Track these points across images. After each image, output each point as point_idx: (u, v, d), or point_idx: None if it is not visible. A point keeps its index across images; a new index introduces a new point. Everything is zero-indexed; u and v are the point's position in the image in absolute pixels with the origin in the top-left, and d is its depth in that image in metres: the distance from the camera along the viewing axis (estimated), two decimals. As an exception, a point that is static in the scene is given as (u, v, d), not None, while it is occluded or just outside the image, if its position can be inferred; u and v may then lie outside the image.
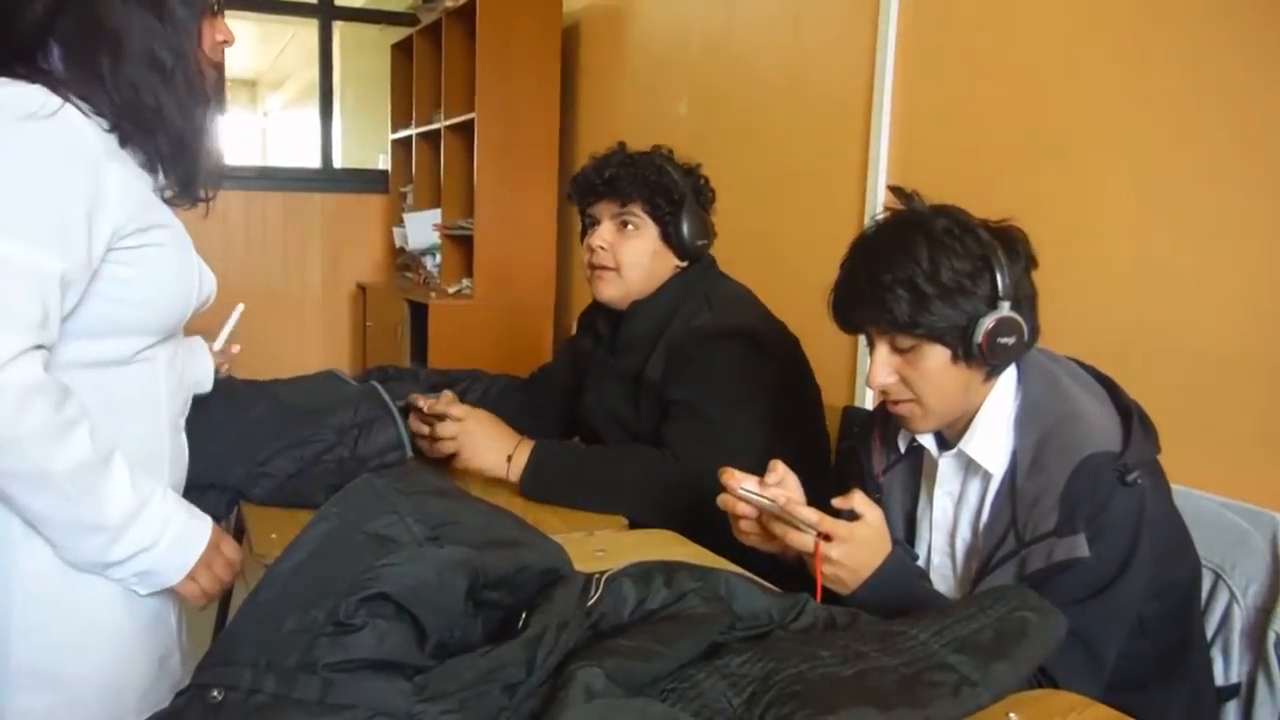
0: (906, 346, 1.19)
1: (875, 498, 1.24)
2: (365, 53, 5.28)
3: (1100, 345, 1.58)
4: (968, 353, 1.17)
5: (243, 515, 1.41)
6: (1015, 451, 1.20)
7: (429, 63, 4.31)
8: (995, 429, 1.22)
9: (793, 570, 1.21)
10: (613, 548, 1.32)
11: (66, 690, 1.09)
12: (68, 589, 1.07)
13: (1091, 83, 1.88)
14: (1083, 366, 1.28)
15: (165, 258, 1.11)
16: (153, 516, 1.08)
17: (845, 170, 2.49)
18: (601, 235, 1.74)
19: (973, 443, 1.23)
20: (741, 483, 1.17)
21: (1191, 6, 1.70)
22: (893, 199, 1.26)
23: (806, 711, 0.77)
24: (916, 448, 1.34)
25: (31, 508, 1.02)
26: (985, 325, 1.15)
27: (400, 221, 4.54)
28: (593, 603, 0.88)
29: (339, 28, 4.84)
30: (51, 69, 1.06)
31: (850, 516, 1.13)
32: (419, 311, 3.98)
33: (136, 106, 1.08)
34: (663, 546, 1.37)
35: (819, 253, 2.42)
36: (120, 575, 1.09)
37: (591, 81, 3.94)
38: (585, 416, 1.85)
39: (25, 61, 1.04)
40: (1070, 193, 1.91)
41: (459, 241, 4.15)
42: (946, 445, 1.29)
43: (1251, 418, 1.62)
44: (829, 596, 1.10)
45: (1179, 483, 1.31)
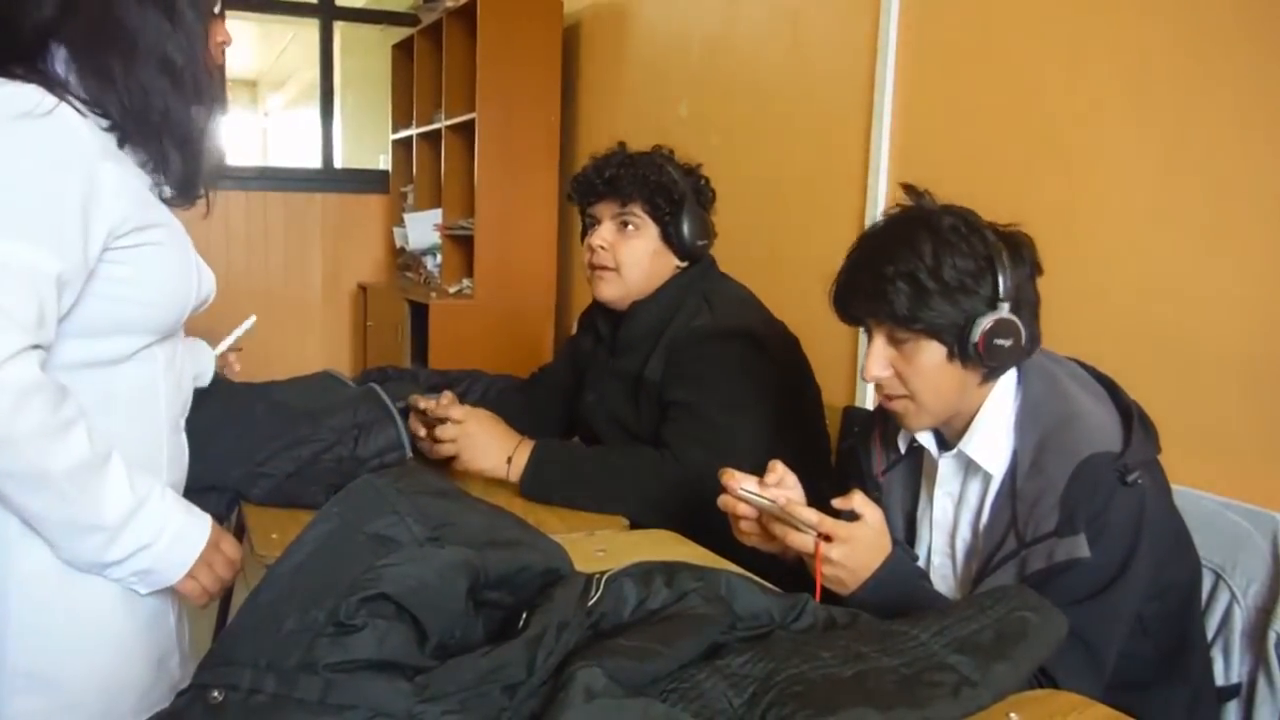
0: (903, 340, 1.20)
1: (875, 498, 1.24)
2: (366, 53, 5.28)
3: (1100, 345, 1.58)
4: (963, 352, 1.17)
5: (243, 515, 1.41)
6: (1015, 452, 1.20)
7: (430, 63, 4.31)
8: (995, 430, 1.22)
9: (793, 571, 1.21)
10: (613, 548, 1.32)
11: (64, 692, 1.08)
12: (65, 590, 1.07)
13: (1092, 83, 1.88)
14: (1083, 367, 1.28)
15: (163, 257, 1.11)
16: (151, 515, 1.08)
17: (845, 171, 2.49)
18: (602, 235, 1.74)
19: (972, 443, 1.23)
20: (741, 483, 1.17)
21: (1192, 6, 1.70)
22: (904, 196, 1.26)
23: (807, 712, 0.77)
24: (917, 448, 1.34)
25: (29, 508, 1.02)
26: (983, 325, 1.15)
27: (401, 221, 4.54)
28: (593, 603, 0.88)
29: (340, 28, 4.84)
30: (50, 71, 1.05)
31: (850, 517, 1.13)
32: (419, 311, 3.98)
33: (146, 108, 1.08)
34: (663, 547, 1.37)
35: (819, 253, 2.41)
36: (119, 575, 1.09)
37: (592, 82, 3.94)
38: (585, 416, 1.85)
39: (24, 63, 1.04)
40: (1070, 193, 1.91)
41: (459, 241, 4.15)
42: (946, 445, 1.29)
43: (1252, 418, 1.62)
44: (829, 597, 1.10)
45: (1179, 483, 1.31)
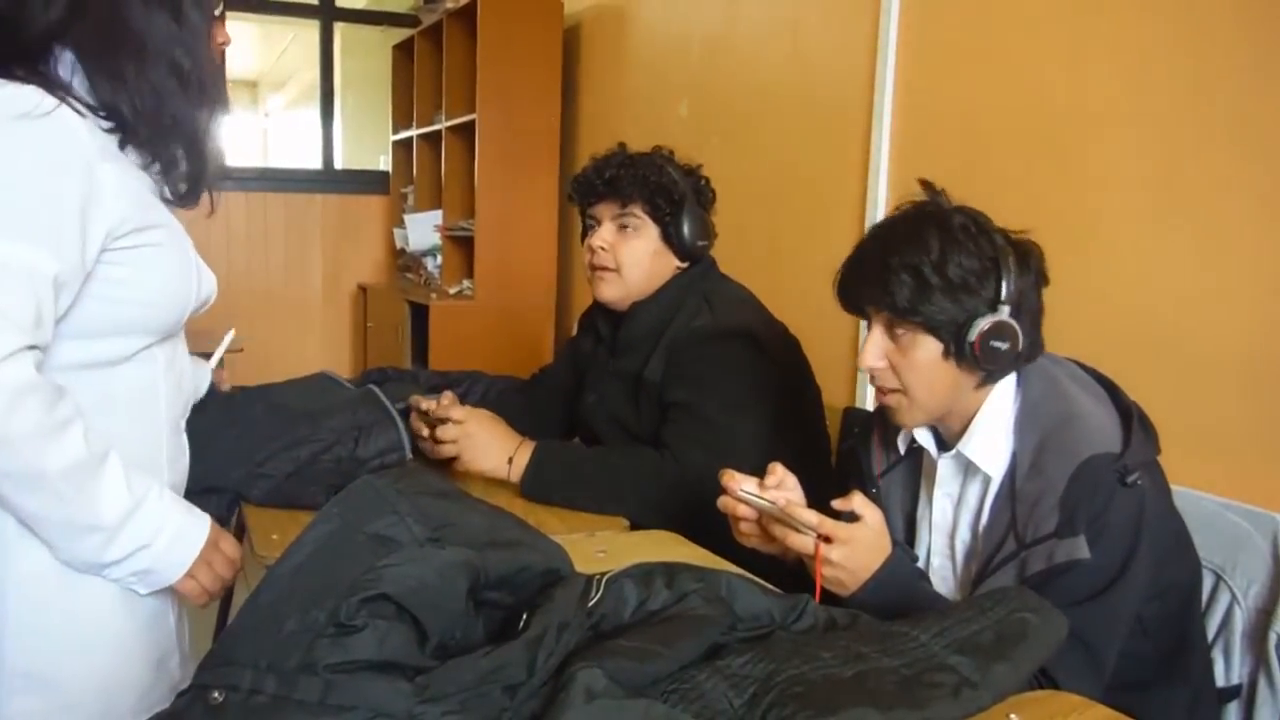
0: (901, 333, 1.20)
1: (874, 498, 1.24)
2: (366, 54, 5.29)
3: (1100, 346, 1.58)
4: (959, 350, 1.17)
5: (243, 516, 1.41)
6: (1015, 453, 1.20)
7: (430, 64, 4.32)
8: (994, 431, 1.22)
9: (793, 572, 1.21)
10: (614, 549, 1.32)
11: (63, 692, 1.08)
12: (64, 591, 1.07)
13: (1092, 83, 1.88)
14: (1083, 368, 1.28)
15: (162, 257, 1.11)
16: (149, 515, 1.07)
17: (846, 171, 2.49)
18: (602, 236, 1.74)
19: (971, 444, 1.23)
20: (741, 484, 1.17)
21: (1192, 6, 1.70)
22: (914, 193, 1.26)
23: (807, 712, 0.77)
24: (916, 449, 1.34)
25: (25, 508, 1.01)
26: (981, 326, 1.15)
27: (401, 222, 4.54)
28: (594, 603, 0.88)
29: (340, 29, 4.85)
30: (52, 73, 1.05)
31: (850, 518, 1.13)
32: (420, 312, 3.99)
33: (158, 110, 1.08)
34: (664, 547, 1.37)
35: (819, 254, 2.41)
36: (118, 575, 1.08)
37: (592, 83, 3.95)
38: (585, 417, 1.85)
39: (25, 65, 1.03)
40: (1070, 193, 1.91)
41: (460, 242, 4.15)
42: (946, 446, 1.29)
43: (1252, 419, 1.62)
44: (828, 598, 1.10)
45: (1180, 484, 1.31)
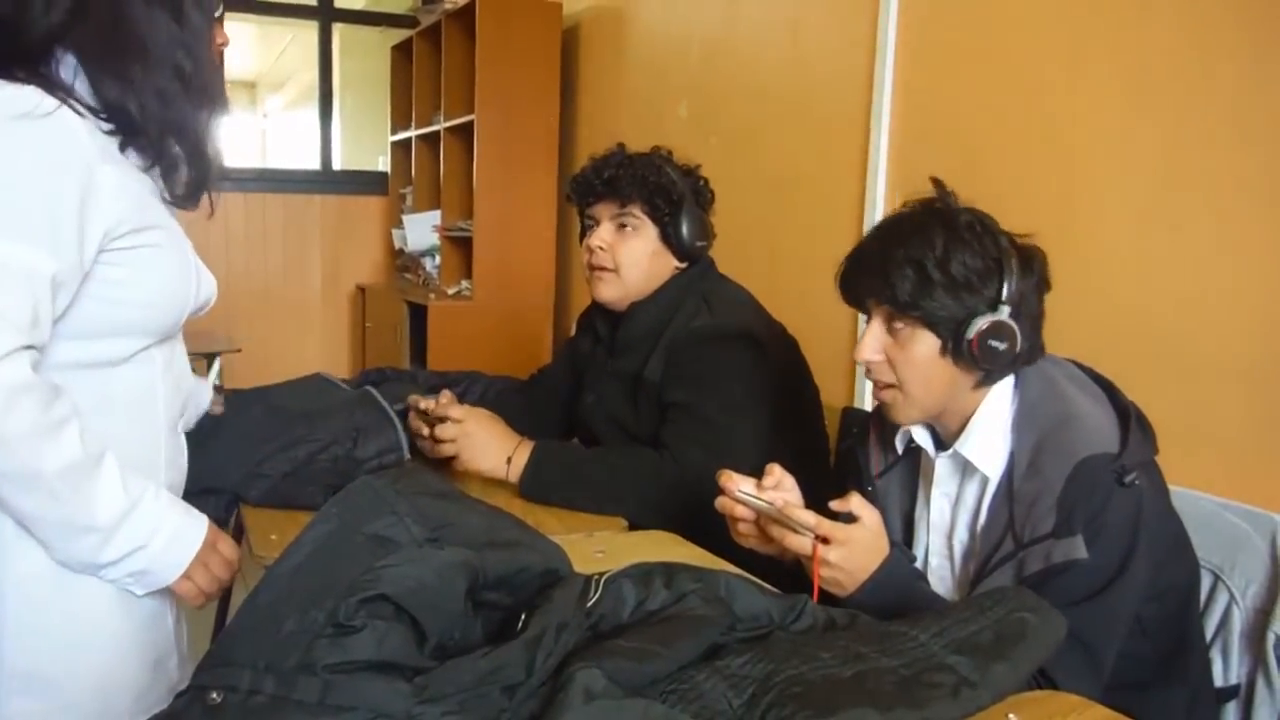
0: (899, 327, 1.21)
1: (871, 497, 1.25)
2: (365, 54, 5.29)
3: (1100, 346, 1.58)
4: (957, 348, 1.18)
5: (242, 516, 1.41)
6: (1013, 453, 1.20)
7: (429, 64, 4.31)
8: (992, 431, 1.22)
9: (791, 572, 1.21)
10: (612, 549, 1.32)
11: (60, 693, 1.08)
12: (62, 591, 1.07)
13: (1092, 83, 1.88)
14: (1081, 368, 1.28)
15: (161, 259, 1.11)
16: (145, 516, 1.07)
17: (845, 172, 2.49)
18: (600, 236, 1.74)
19: (969, 444, 1.24)
20: (739, 485, 1.17)
21: (1192, 6, 1.71)
22: (929, 190, 1.26)
23: (807, 713, 0.77)
24: (914, 449, 1.34)
25: (21, 508, 1.01)
26: (979, 324, 1.16)
27: (400, 223, 4.54)
28: (592, 604, 0.88)
29: (338, 29, 4.85)
30: (54, 75, 1.05)
31: (848, 519, 1.13)
32: (418, 313, 3.98)
33: (163, 112, 1.08)
34: (662, 548, 1.37)
35: (819, 255, 2.41)
36: (114, 576, 1.08)
37: (591, 83, 3.95)
38: (584, 417, 1.85)
39: (26, 66, 1.03)
40: (1070, 193, 1.91)
41: (458, 243, 4.15)
42: (943, 446, 1.29)
43: (1251, 419, 1.62)
44: (826, 599, 1.10)
45: (1178, 484, 1.31)
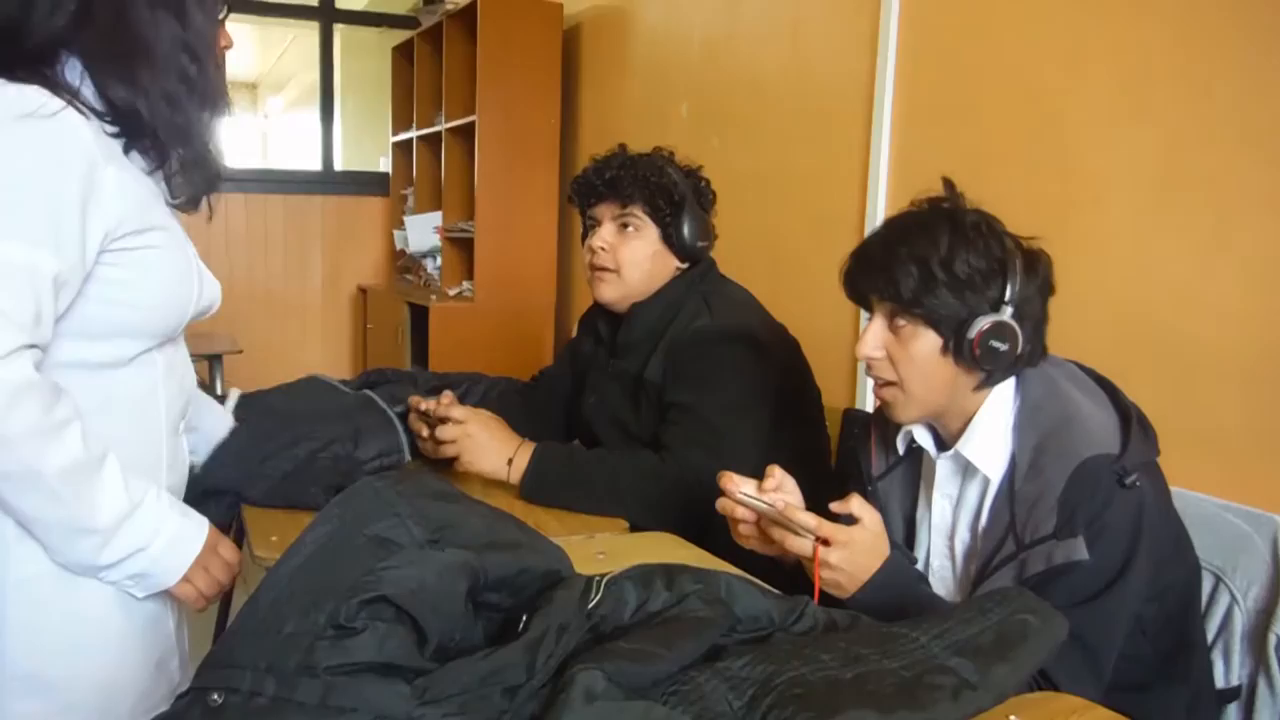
0: (901, 325, 1.21)
1: (871, 497, 1.24)
2: (366, 55, 5.29)
3: (1100, 346, 1.58)
4: (958, 347, 1.18)
5: (243, 518, 1.41)
6: (1014, 454, 1.20)
7: (430, 65, 4.32)
8: (993, 432, 1.22)
9: (791, 574, 1.21)
10: (613, 550, 1.32)
11: (61, 694, 1.08)
12: (62, 592, 1.06)
13: (1092, 83, 1.88)
14: (1082, 369, 1.28)
15: (161, 260, 1.11)
16: (146, 518, 1.07)
17: (846, 172, 2.49)
18: (602, 236, 1.74)
19: (970, 445, 1.23)
20: (740, 486, 1.17)
21: (1191, 7, 1.70)
22: (939, 189, 1.27)
23: (807, 714, 0.77)
24: (915, 450, 1.34)
25: (21, 508, 1.01)
26: (981, 324, 1.16)
27: (401, 224, 4.54)
28: (593, 605, 0.88)
29: (340, 30, 4.85)
30: (59, 78, 1.05)
31: (849, 520, 1.13)
32: (419, 314, 3.99)
33: (170, 115, 1.09)
34: (663, 549, 1.37)
35: (819, 255, 2.41)
36: (114, 578, 1.08)
37: (592, 84, 3.95)
38: (585, 418, 1.85)
39: (30, 68, 1.03)
40: (1070, 193, 1.91)
41: (459, 244, 4.15)
42: (945, 447, 1.29)
43: (1251, 420, 1.62)
44: (827, 600, 1.10)
45: (1179, 485, 1.31)
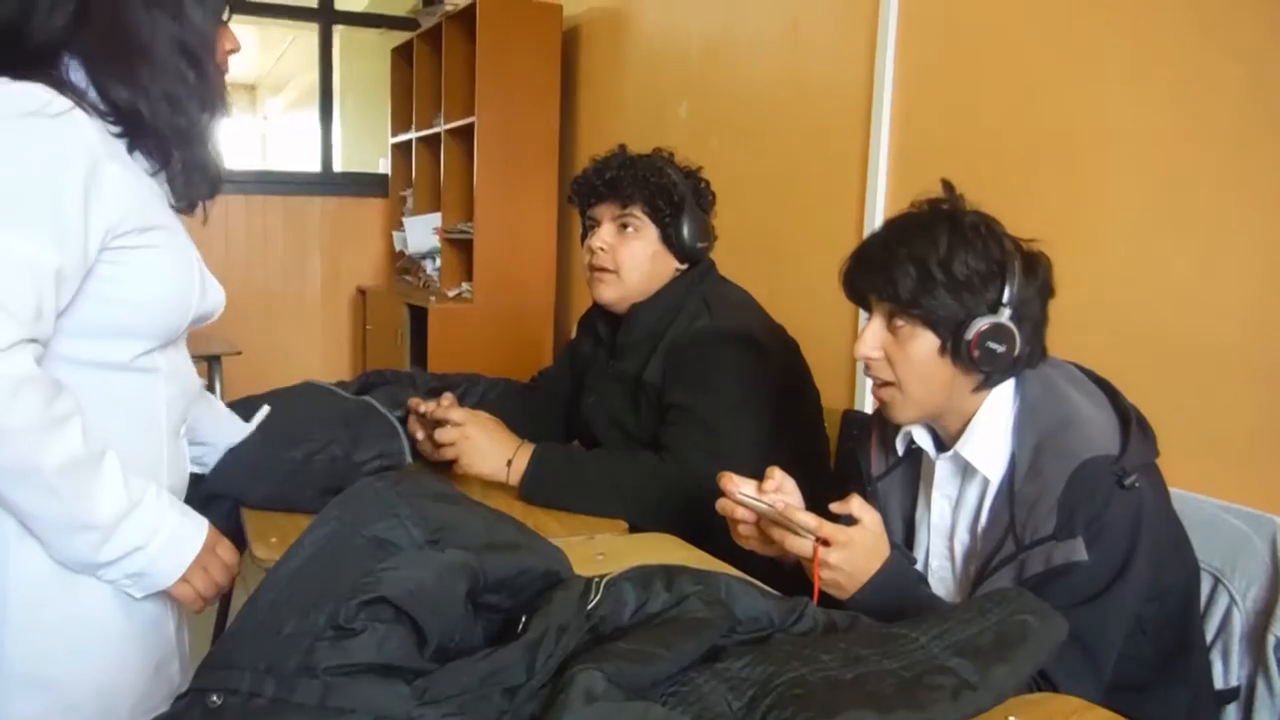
0: (899, 325, 1.21)
1: (870, 498, 1.24)
2: (365, 57, 5.29)
3: (1100, 347, 1.58)
4: (956, 348, 1.18)
5: (242, 520, 1.41)
6: (1013, 455, 1.20)
7: (429, 67, 4.32)
8: (993, 433, 1.22)
9: (791, 574, 1.21)
10: (613, 551, 1.32)
11: (60, 695, 1.08)
12: (62, 592, 1.06)
13: (1092, 83, 1.88)
14: (1081, 370, 1.28)
15: (160, 261, 1.10)
16: (145, 517, 1.07)
17: (845, 173, 2.49)
18: (601, 237, 1.75)
19: (969, 446, 1.24)
20: (740, 487, 1.17)
21: (1191, 7, 1.71)
22: (939, 190, 1.27)
23: (807, 715, 0.77)
24: (915, 450, 1.34)
25: (19, 503, 1.01)
26: (979, 325, 1.16)
27: (400, 225, 4.54)
28: (593, 606, 0.88)
29: (339, 32, 4.85)
30: (65, 78, 1.05)
31: (848, 521, 1.13)
32: (419, 315, 3.98)
33: (170, 116, 1.09)
34: (663, 550, 1.37)
35: (819, 256, 2.41)
36: (113, 576, 1.08)
37: (591, 85, 3.95)
38: (585, 419, 1.85)
39: (36, 69, 1.03)
40: (1070, 193, 1.91)
41: (459, 245, 4.15)
42: (944, 447, 1.29)
43: (1251, 421, 1.62)
44: (827, 601, 1.10)
45: (1179, 486, 1.31)
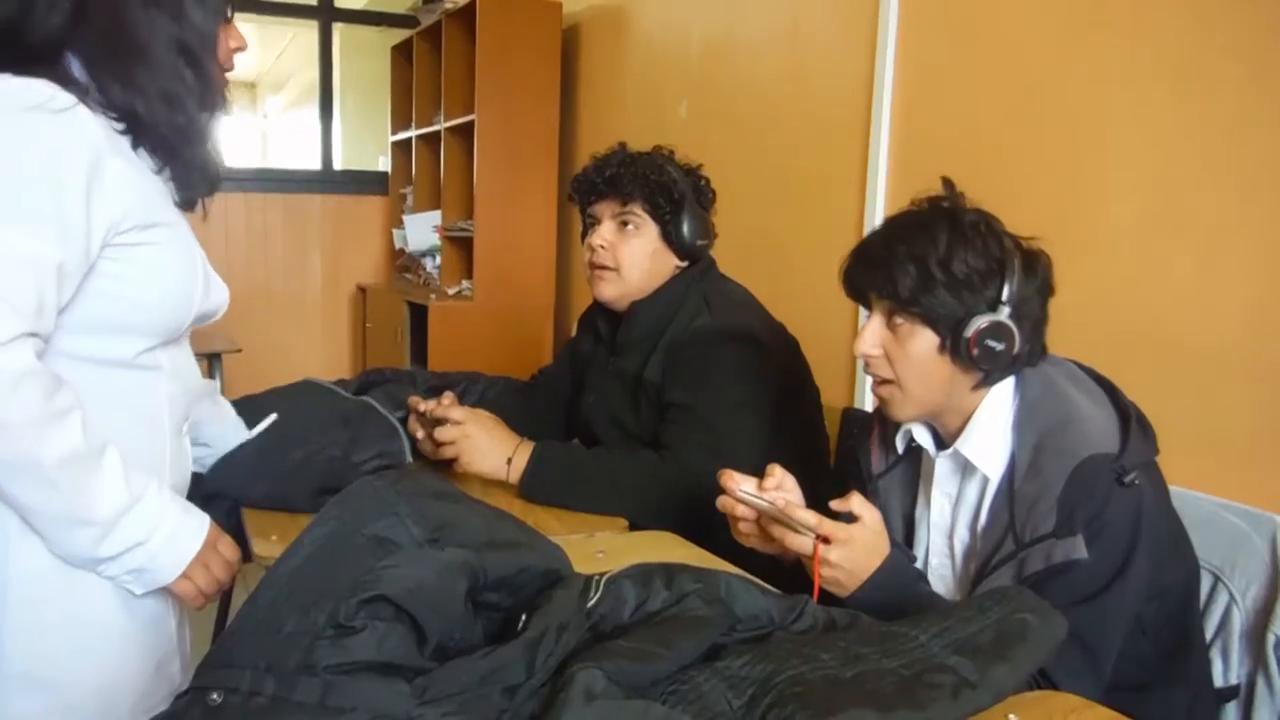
0: (899, 323, 1.21)
1: (870, 495, 1.24)
2: (365, 55, 5.29)
3: (1100, 345, 1.58)
4: (955, 346, 1.18)
5: (242, 518, 1.41)
6: (1013, 454, 1.20)
7: (429, 64, 4.31)
8: (992, 431, 1.22)
9: (792, 572, 1.21)
10: (613, 549, 1.32)
11: (61, 694, 1.07)
12: (63, 590, 1.06)
13: (1092, 83, 1.88)
14: (1082, 368, 1.28)
15: (163, 258, 1.10)
16: (145, 512, 1.07)
17: (845, 171, 2.49)
18: (602, 234, 1.75)
19: (969, 444, 1.24)
20: (740, 484, 1.17)
21: (1190, 6, 1.70)
22: (939, 188, 1.27)
23: (807, 713, 0.77)
24: (915, 449, 1.34)
25: (19, 497, 1.00)
26: (978, 324, 1.16)
27: (400, 223, 4.54)
28: (593, 604, 0.88)
29: (339, 29, 4.84)
30: (70, 74, 1.05)
31: (849, 519, 1.13)
32: (419, 313, 3.98)
33: (168, 114, 1.09)
34: (663, 548, 1.37)
35: (819, 254, 2.40)
36: (113, 572, 1.07)
37: (591, 83, 3.95)
38: (585, 417, 1.85)
39: (39, 67, 1.03)
40: (1070, 193, 1.91)
41: (459, 243, 4.15)
42: (944, 445, 1.29)
43: (1251, 419, 1.62)
44: (827, 598, 1.10)
45: (1179, 484, 1.31)
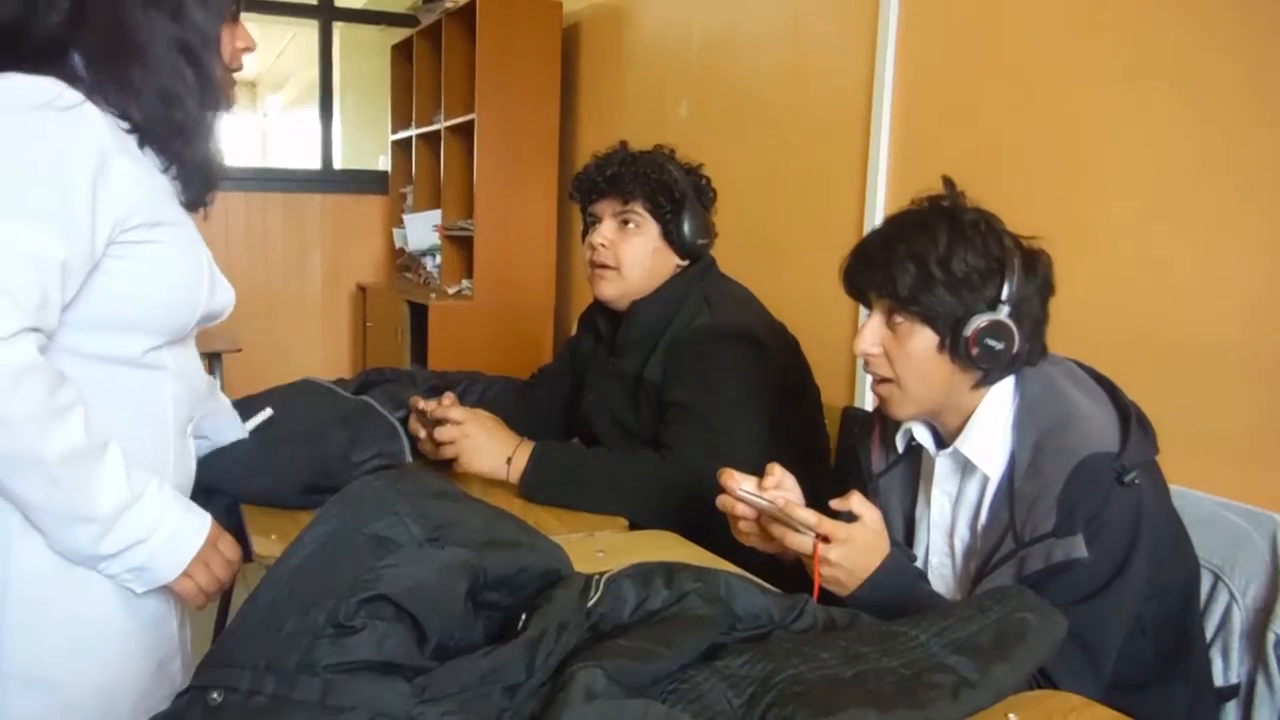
0: (899, 322, 1.21)
1: (872, 496, 1.25)
2: (365, 54, 5.29)
3: (1100, 345, 1.58)
4: (954, 345, 1.18)
5: (243, 517, 1.41)
6: (1013, 453, 1.20)
7: (429, 64, 4.31)
8: (992, 430, 1.22)
9: (792, 571, 1.21)
10: (613, 549, 1.32)
11: (61, 693, 1.07)
12: (64, 589, 1.06)
13: (1092, 82, 1.88)
14: (1081, 367, 1.28)
15: (168, 257, 1.10)
16: (146, 510, 1.06)
17: (845, 171, 2.49)
18: (603, 233, 1.75)
19: (969, 443, 1.24)
20: (740, 484, 1.17)
21: (1190, 6, 1.70)
22: (940, 188, 1.27)
23: (807, 712, 0.77)
24: (915, 448, 1.34)
25: (20, 493, 1.00)
26: (977, 323, 1.16)
27: (400, 222, 4.54)
28: (593, 603, 0.88)
29: (339, 29, 4.85)
30: (77, 74, 1.05)
31: (849, 518, 1.13)
32: (419, 312, 3.99)
33: (167, 114, 1.09)
34: (663, 547, 1.37)
35: (819, 253, 2.40)
36: (114, 570, 1.07)
37: (592, 83, 3.95)
38: (585, 416, 1.85)
39: (44, 66, 1.03)
40: (1070, 193, 1.91)
41: (459, 242, 4.15)
42: (944, 445, 1.29)
43: (1251, 418, 1.62)
44: (827, 598, 1.10)
45: (1179, 483, 1.31)
